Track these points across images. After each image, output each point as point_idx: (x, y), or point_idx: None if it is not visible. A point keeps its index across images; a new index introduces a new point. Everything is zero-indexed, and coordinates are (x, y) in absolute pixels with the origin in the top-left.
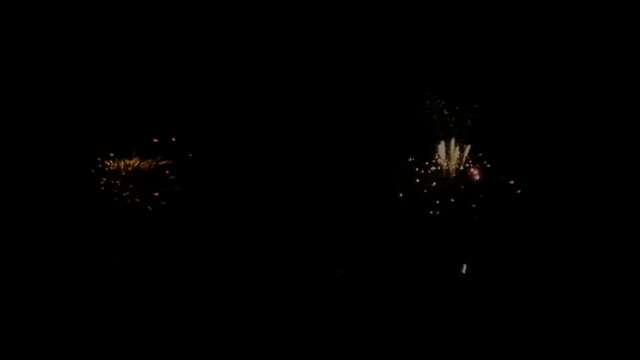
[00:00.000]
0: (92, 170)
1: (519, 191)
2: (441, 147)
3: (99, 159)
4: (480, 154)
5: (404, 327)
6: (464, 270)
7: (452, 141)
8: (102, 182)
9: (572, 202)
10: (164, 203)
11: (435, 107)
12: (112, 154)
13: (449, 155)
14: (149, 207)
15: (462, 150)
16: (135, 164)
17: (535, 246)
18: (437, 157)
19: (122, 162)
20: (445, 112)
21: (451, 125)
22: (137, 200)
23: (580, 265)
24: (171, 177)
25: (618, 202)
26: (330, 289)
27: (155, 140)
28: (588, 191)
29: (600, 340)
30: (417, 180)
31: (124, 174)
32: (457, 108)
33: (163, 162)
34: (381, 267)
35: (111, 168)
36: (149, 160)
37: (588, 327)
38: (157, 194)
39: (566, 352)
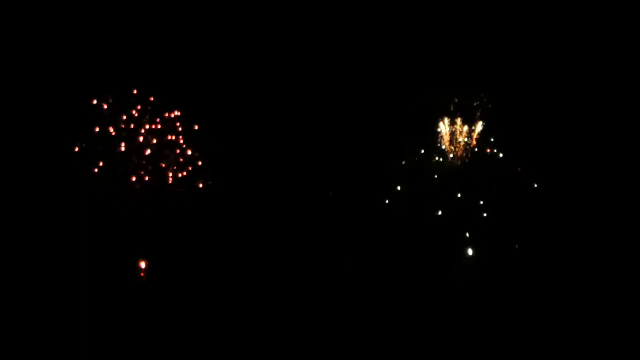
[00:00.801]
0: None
1: (536, 185)
2: (445, 130)
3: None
4: (492, 139)
5: (409, 324)
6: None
7: (459, 123)
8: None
9: (587, 195)
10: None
11: (439, 102)
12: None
13: (455, 141)
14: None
15: (470, 134)
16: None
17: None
18: (440, 139)
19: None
20: (452, 109)
21: (458, 113)
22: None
23: (591, 260)
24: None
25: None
26: (335, 285)
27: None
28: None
29: (607, 337)
30: (418, 169)
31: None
32: (458, 101)
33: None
34: (385, 261)
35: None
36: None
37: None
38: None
39: (572, 349)
